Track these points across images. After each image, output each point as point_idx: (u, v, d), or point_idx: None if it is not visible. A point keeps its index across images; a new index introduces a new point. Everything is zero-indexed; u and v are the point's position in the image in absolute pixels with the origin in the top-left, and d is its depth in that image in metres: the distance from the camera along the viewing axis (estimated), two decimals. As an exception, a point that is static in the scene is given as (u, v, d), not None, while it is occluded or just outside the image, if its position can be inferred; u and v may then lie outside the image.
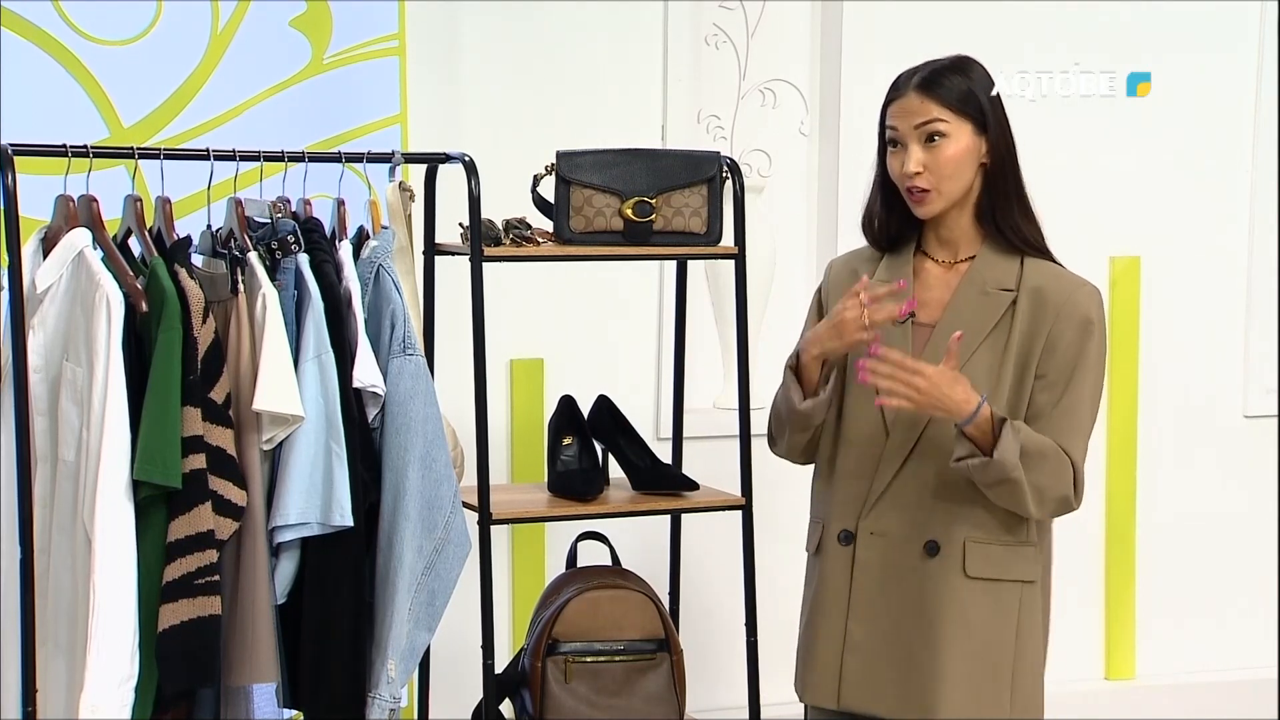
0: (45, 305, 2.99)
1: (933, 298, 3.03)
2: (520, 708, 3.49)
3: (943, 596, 2.95)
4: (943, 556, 2.95)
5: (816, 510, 3.12)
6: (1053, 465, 2.90)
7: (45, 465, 2.99)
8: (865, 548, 2.99)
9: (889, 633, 2.98)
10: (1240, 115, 4.85)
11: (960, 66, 3.00)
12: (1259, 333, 4.91)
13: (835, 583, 3.03)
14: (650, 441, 3.81)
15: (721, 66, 4.49)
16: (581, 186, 3.41)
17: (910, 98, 2.97)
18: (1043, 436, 2.91)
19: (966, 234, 3.03)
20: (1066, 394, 2.94)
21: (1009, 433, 2.86)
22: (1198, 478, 4.90)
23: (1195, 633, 4.91)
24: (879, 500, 2.99)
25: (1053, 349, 2.94)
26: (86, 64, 3.73)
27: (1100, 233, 4.74)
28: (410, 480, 3.12)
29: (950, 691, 2.95)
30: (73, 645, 2.95)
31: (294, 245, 3.10)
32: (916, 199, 2.97)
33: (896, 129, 2.98)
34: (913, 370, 2.86)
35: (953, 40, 4.37)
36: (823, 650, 3.04)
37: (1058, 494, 2.92)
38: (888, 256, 3.09)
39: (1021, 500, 2.90)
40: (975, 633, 2.95)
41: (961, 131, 2.96)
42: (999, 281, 2.99)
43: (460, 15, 4.18)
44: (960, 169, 2.96)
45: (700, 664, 3.79)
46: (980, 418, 2.86)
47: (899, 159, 2.98)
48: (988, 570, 2.96)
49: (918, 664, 2.96)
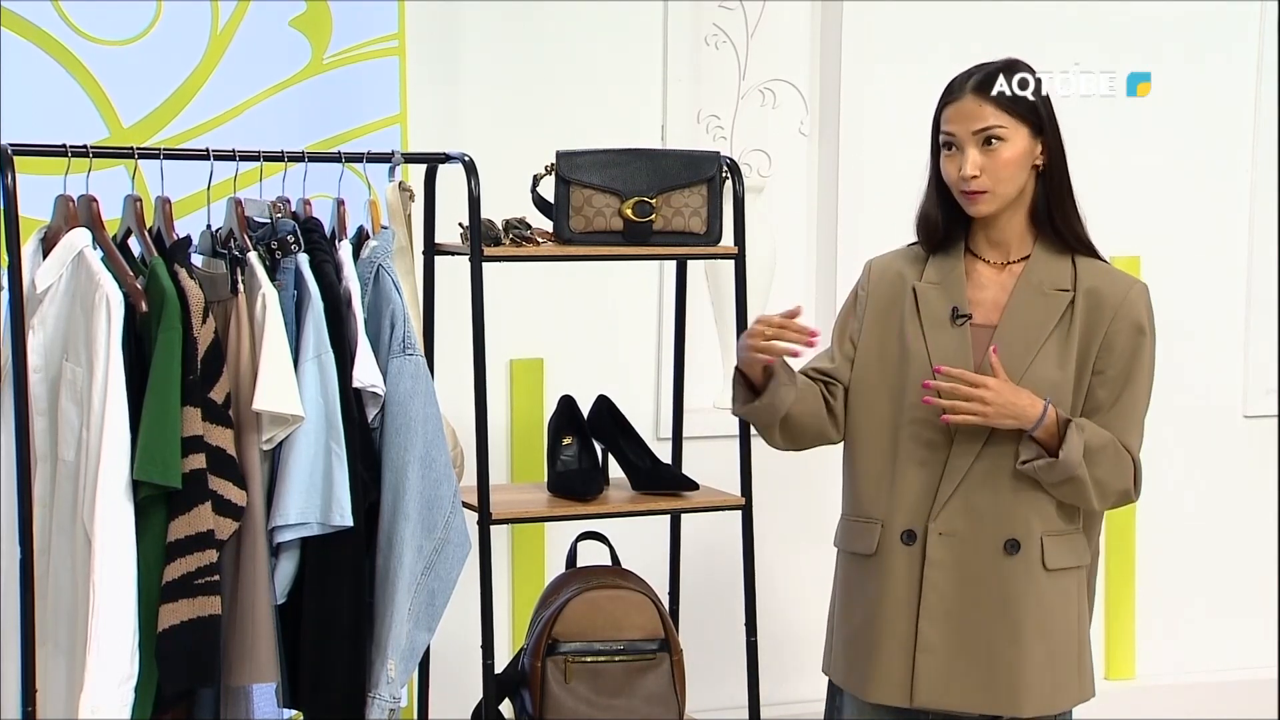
0: (45, 305, 2.99)
1: (987, 298, 3.05)
2: (520, 708, 3.49)
3: (1025, 592, 2.99)
4: (1023, 553, 2.99)
5: (862, 510, 3.10)
6: (1113, 460, 2.97)
7: (45, 465, 2.99)
8: (937, 547, 3.01)
9: (966, 630, 3.01)
10: (1240, 115, 4.85)
11: (1014, 67, 3.01)
12: (1259, 333, 4.91)
13: (901, 583, 3.04)
14: (650, 441, 3.81)
15: (721, 66, 4.49)
16: (581, 186, 3.41)
17: (967, 101, 2.98)
18: (1104, 431, 2.97)
19: (1018, 235, 3.05)
20: (1125, 390, 3.00)
21: (1074, 433, 2.93)
22: (1198, 478, 4.91)
23: (1195, 633, 4.91)
24: (949, 500, 3.00)
25: (1110, 347, 3.00)
26: (86, 64, 3.73)
27: (1100, 233, 4.71)
28: (410, 480, 3.12)
29: (1033, 683, 3.00)
30: (73, 645, 2.95)
31: (294, 245, 3.10)
32: (972, 199, 2.99)
33: (954, 134, 2.99)
34: (976, 384, 2.91)
35: (952, 40, 4.39)
36: (892, 651, 3.04)
37: (1119, 488, 3.00)
38: (934, 257, 3.10)
39: (1086, 496, 2.98)
40: (1052, 623, 3.01)
41: (1019, 134, 2.98)
42: (1055, 282, 3.02)
43: (460, 15, 4.18)
44: (1017, 171, 2.99)
45: (700, 664, 3.79)
46: (1047, 421, 2.93)
47: (955, 162, 2.99)
48: (1061, 561, 3.02)
49: (1001, 660, 3.00)
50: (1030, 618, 3.00)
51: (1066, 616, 3.04)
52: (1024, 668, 3.00)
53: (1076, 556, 3.04)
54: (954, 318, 3.03)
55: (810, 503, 4.35)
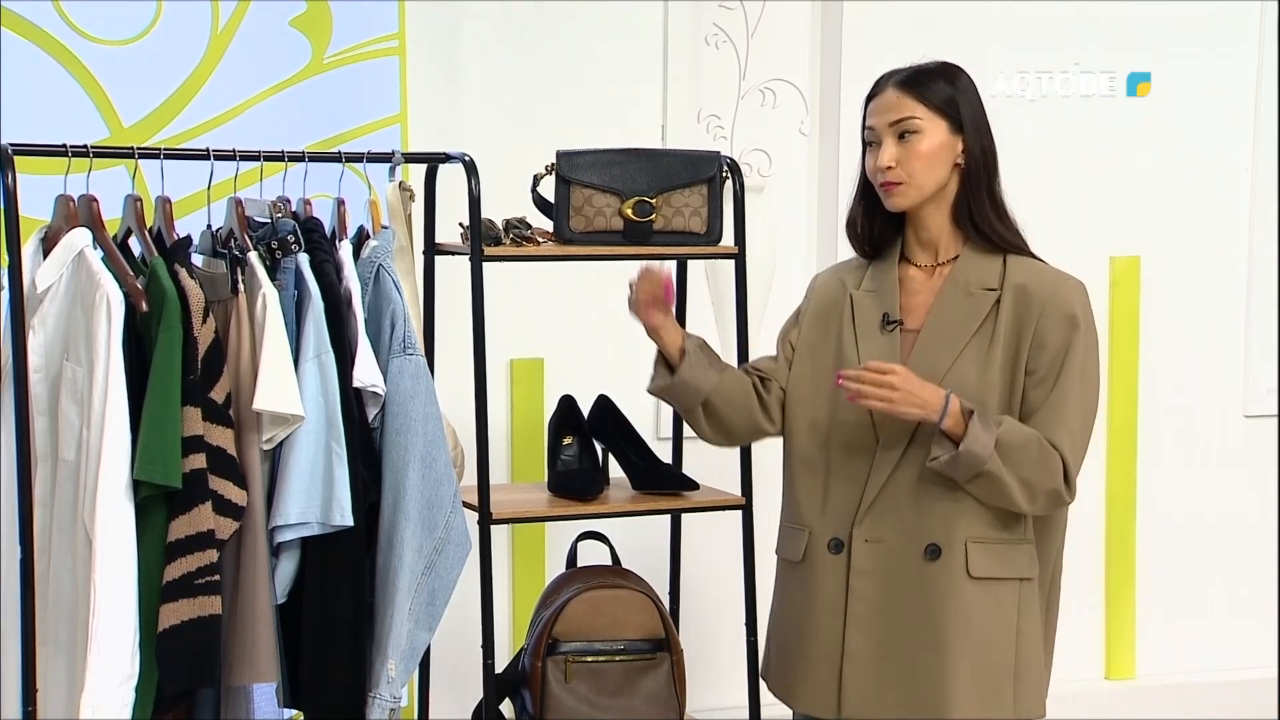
0: (45, 305, 2.99)
1: (918, 303, 3.04)
2: (520, 708, 3.49)
3: (946, 599, 2.95)
4: (945, 559, 2.95)
5: (796, 517, 3.10)
6: (1037, 458, 2.91)
7: (45, 465, 2.99)
8: (862, 555, 2.99)
9: (891, 639, 2.98)
10: (1240, 115, 4.85)
11: (941, 70, 3.03)
12: (1259, 333, 4.91)
13: (828, 592, 3.02)
14: (650, 441, 3.81)
15: (721, 66, 4.49)
16: (581, 186, 3.41)
17: (888, 95, 3.01)
18: (1027, 429, 2.92)
19: (945, 235, 3.04)
20: (1055, 388, 2.94)
21: (976, 424, 2.88)
22: (1198, 478, 4.90)
23: (1195, 633, 4.91)
24: (872, 507, 2.99)
25: (1041, 345, 2.96)
26: (86, 64, 3.73)
27: (1100, 233, 4.74)
28: (410, 480, 3.12)
29: (957, 693, 2.94)
30: (73, 645, 2.95)
31: (294, 245, 3.10)
32: (887, 190, 2.99)
33: (873, 127, 3.01)
34: (884, 370, 2.89)
35: (952, 40, 4.38)
36: (818, 660, 3.03)
37: (1047, 487, 2.92)
38: (873, 265, 3.11)
39: (1008, 495, 2.91)
40: (978, 632, 2.95)
41: (936, 128, 2.98)
42: (982, 281, 3.00)
43: (460, 15, 4.18)
44: (932, 164, 2.98)
45: (700, 664, 3.79)
46: (951, 410, 2.89)
47: (874, 156, 3.01)
48: (989, 569, 2.96)
49: (924, 668, 2.96)
50: (952, 625, 2.94)
51: (1000, 629, 2.96)
52: (948, 677, 2.94)
53: (1012, 567, 2.97)
54: (884, 324, 3.03)
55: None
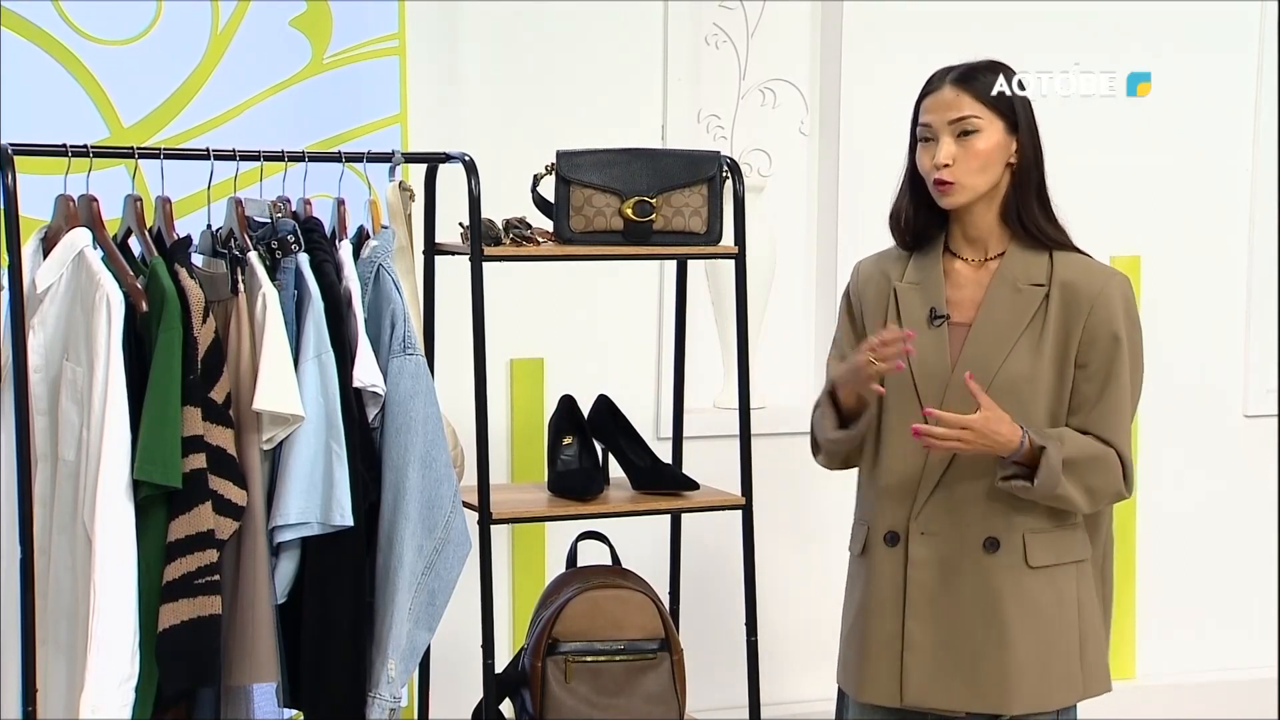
0: (45, 305, 2.99)
1: (965, 297, 3.05)
2: (520, 707, 3.49)
3: (1006, 590, 2.98)
4: (1003, 551, 2.98)
5: (862, 512, 3.13)
6: (1102, 466, 2.97)
7: (45, 465, 2.99)
8: (918, 546, 3.01)
9: (951, 629, 3.00)
10: (1240, 115, 4.85)
11: (995, 67, 3.04)
12: (1259, 333, 4.91)
13: (887, 583, 3.04)
14: (650, 441, 3.81)
15: (721, 66, 4.49)
16: (581, 186, 3.41)
17: (944, 92, 3.01)
18: (1088, 440, 2.96)
19: (993, 231, 3.05)
20: (1109, 384, 2.98)
21: (1045, 464, 2.91)
22: (1198, 478, 4.90)
23: (1195, 633, 4.91)
24: (929, 501, 3.01)
25: (1092, 340, 2.98)
26: (86, 64, 3.73)
27: (1100, 233, 4.71)
28: (410, 480, 3.12)
29: (1022, 681, 2.99)
30: (73, 645, 2.95)
31: (294, 245, 3.10)
32: (942, 189, 2.99)
33: (930, 123, 3.01)
34: (960, 425, 2.90)
35: (952, 40, 4.38)
36: (880, 650, 3.05)
37: (1110, 491, 3.00)
38: (915, 256, 3.10)
39: (1073, 504, 2.97)
40: (1042, 620, 3.00)
41: (994, 128, 2.99)
42: (1030, 277, 3.01)
43: (460, 15, 4.18)
44: (989, 164, 2.99)
45: (700, 664, 3.79)
46: (1024, 451, 2.92)
47: (929, 152, 3.00)
48: (1047, 558, 3.00)
49: (987, 658, 2.99)
50: (1015, 616, 2.98)
51: (1061, 612, 3.01)
52: (1011, 665, 2.98)
53: (1068, 552, 3.02)
54: (931, 319, 3.04)
55: (810, 503, 4.35)
